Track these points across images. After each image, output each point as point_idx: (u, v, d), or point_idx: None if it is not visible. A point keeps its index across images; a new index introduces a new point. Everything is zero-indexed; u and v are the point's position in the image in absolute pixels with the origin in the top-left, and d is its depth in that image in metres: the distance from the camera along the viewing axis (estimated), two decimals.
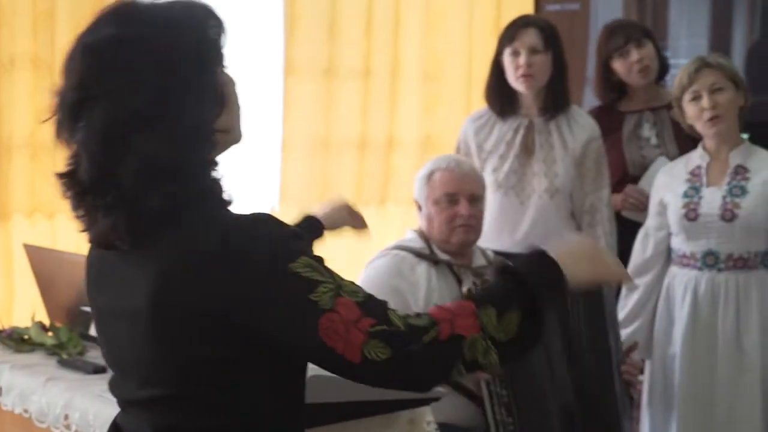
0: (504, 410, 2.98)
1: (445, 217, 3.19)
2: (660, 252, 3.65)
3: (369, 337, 1.63)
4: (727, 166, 3.56)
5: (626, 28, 4.16)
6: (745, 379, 3.50)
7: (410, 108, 4.82)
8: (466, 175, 3.27)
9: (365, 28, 4.63)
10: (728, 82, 3.52)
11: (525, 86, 3.78)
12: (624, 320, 3.66)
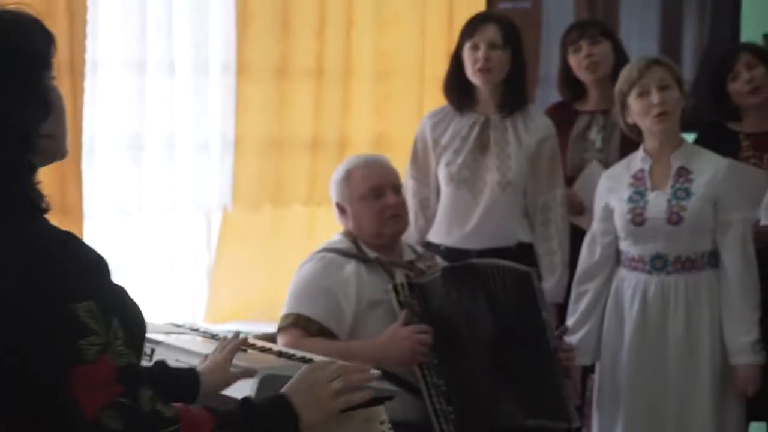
0: (443, 399, 3.00)
1: (375, 210, 3.22)
2: (607, 256, 3.67)
3: (111, 404, 1.64)
4: (669, 168, 3.58)
5: (584, 24, 4.20)
6: (695, 380, 3.52)
7: (363, 107, 4.81)
8: (384, 168, 3.32)
9: (317, 27, 4.61)
10: (674, 82, 3.55)
11: (482, 80, 3.80)
12: (574, 325, 3.68)
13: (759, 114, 3.98)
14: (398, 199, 3.28)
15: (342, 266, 3.17)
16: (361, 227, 3.25)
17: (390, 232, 3.26)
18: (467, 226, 3.83)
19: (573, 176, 4.06)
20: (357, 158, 3.38)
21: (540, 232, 3.89)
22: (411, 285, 3.11)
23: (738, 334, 3.49)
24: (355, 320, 3.13)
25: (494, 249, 3.76)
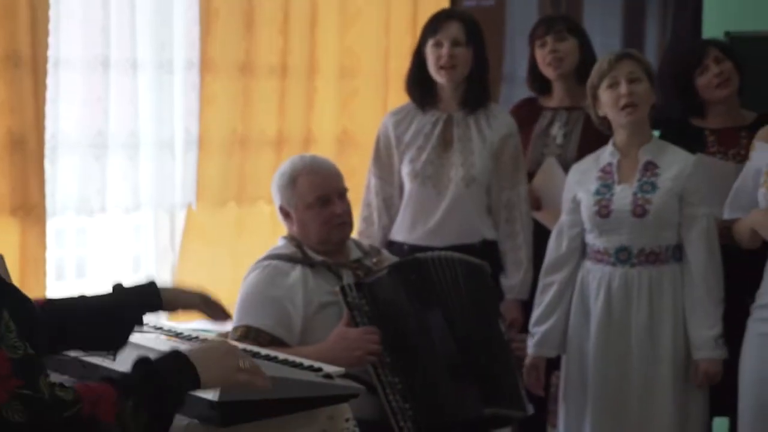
0: (399, 397, 3.00)
1: (322, 219, 3.20)
2: (574, 249, 3.69)
3: (11, 397, 1.65)
4: (637, 162, 3.61)
5: (551, 20, 4.20)
6: (658, 373, 3.55)
7: (327, 104, 4.81)
8: (330, 174, 3.28)
9: (282, 24, 4.60)
10: (645, 75, 3.57)
11: (446, 77, 3.81)
12: (540, 317, 3.70)
13: (724, 109, 4.01)
14: (344, 206, 3.27)
15: (287, 273, 3.15)
16: (307, 234, 3.23)
17: (336, 239, 3.25)
18: (431, 222, 3.84)
19: (533, 172, 4.08)
20: (301, 162, 3.31)
21: (504, 229, 3.90)
22: (359, 285, 3.09)
23: (701, 328, 3.52)
24: (304, 326, 3.11)
25: (458, 246, 3.77)
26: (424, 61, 3.86)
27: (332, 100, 4.83)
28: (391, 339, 3.04)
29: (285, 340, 3.06)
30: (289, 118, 4.65)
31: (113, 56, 4.02)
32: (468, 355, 3.09)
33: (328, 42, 4.79)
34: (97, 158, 3.99)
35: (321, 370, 2.50)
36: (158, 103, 4.22)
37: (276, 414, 2.38)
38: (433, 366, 3.05)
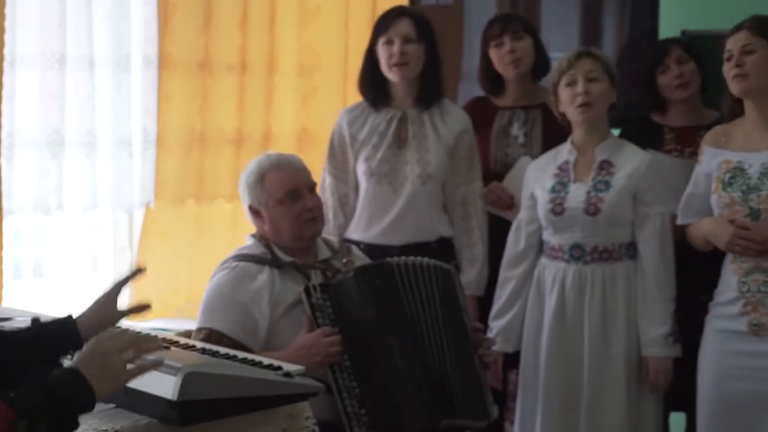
0: (355, 402, 2.98)
1: (294, 214, 3.17)
2: (531, 245, 3.72)
3: None
4: (593, 161, 3.63)
5: (506, 19, 4.20)
6: (610, 370, 3.57)
7: (286, 102, 4.80)
8: (299, 169, 3.27)
9: (240, 21, 4.59)
10: (604, 74, 3.60)
11: (398, 75, 3.81)
12: (498, 312, 3.72)
13: (684, 108, 4.04)
14: (315, 200, 3.25)
15: (254, 276, 3.12)
16: (278, 231, 3.20)
17: (309, 234, 3.22)
18: (387, 220, 3.83)
19: (498, 172, 4.09)
20: (268, 159, 3.28)
21: (460, 226, 3.91)
22: (324, 286, 3.05)
23: (651, 326, 3.55)
24: (269, 330, 3.08)
25: (415, 244, 3.78)
26: (376, 60, 3.86)
27: (291, 98, 4.82)
28: (352, 343, 3.01)
29: (248, 346, 3.02)
30: (249, 115, 4.64)
31: (70, 53, 3.99)
32: (430, 364, 3.07)
33: (287, 39, 4.78)
34: (54, 156, 3.96)
35: (281, 369, 2.50)
36: (116, 101, 4.19)
37: (236, 413, 2.38)
38: (392, 374, 3.02)
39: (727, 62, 3.39)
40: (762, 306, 3.32)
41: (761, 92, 3.38)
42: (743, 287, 3.36)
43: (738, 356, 3.37)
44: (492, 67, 4.16)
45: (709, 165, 3.47)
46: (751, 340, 3.34)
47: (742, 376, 3.36)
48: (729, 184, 3.38)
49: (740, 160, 3.40)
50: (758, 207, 3.32)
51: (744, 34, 3.37)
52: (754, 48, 3.35)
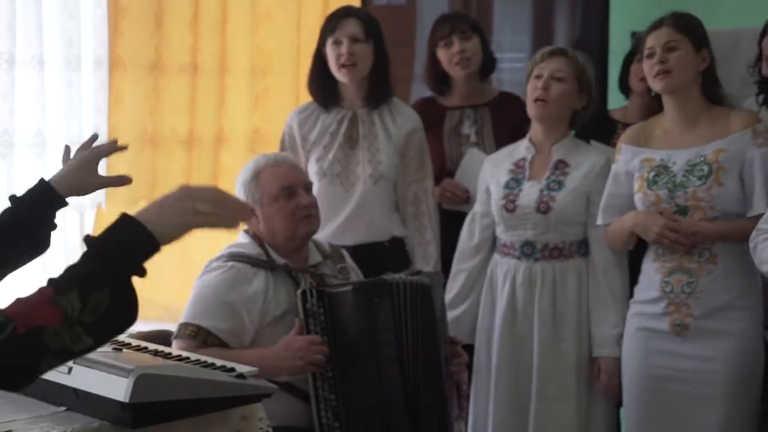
0: (331, 414, 2.97)
1: (288, 211, 3.15)
2: (486, 238, 3.73)
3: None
4: (549, 160, 3.65)
5: (454, 18, 4.21)
6: (560, 365, 3.59)
7: (238, 103, 4.79)
8: (294, 167, 3.27)
9: (192, 22, 4.57)
10: (572, 78, 3.60)
11: (347, 75, 3.82)
12: (450, 303, 3.73)
13: (643, 104, 4.08)
14: (310, 198, 3.23)
15: (250, 280, 3.08)
16: (273, 230, 3.17)
17: (303, 232, 3.19)
18: (340, 220, 3.83)
19: (453, 170, 4.11)
20: (265, 157, 3.27)
21: (412, 224, 3.92)
22: (320, 293, 3.03)
23: (602, 327, 3.56)
24: (255, 337, 3.07)
25: (368, 244, 3.79)
26: (325, 62, 3.86)
27: (244, 99, 4.82)
28: (338, 355, 3.00)
29: (232, 346, 3.01)
30: (200, 116, 4.63)
31: (19, 53, 3.96)
32: (409, 387, 3.05)
33: (238, 40, 4.77)
34: (3, 157, 3.93)
35: (234, 370, 2.49)
36: (66, 102, 4.16)
37: (189, 414, 2.37)
38: (371, 392, 3.01)
39: (648, 59, 3.38)
40: (685, 306, 3.33)
41: (683, 89, 3.38)
42: (666, 287, 3.36)
43: (661, 356, 3.38)
44: (439, 67, 4.17)
45: (629, 164, 3.46)
46: (674, 341, 3.35)
47: (666, 376, 3.37)
48: (654, 182, 3.39)
49: (663, 158, 3.40)
50: (685, 204, 3.33)
51: (666, 31, 3.37)
52: (677, 45, 3.35)
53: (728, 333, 3.31)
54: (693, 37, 3.37)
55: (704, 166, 3.32)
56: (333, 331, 3.01)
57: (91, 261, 1.68)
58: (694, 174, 3.33)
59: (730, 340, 3.31)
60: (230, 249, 3.19)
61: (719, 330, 3.31)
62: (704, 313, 3.31)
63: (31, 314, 1.60)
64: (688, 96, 3.39)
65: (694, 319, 3.32)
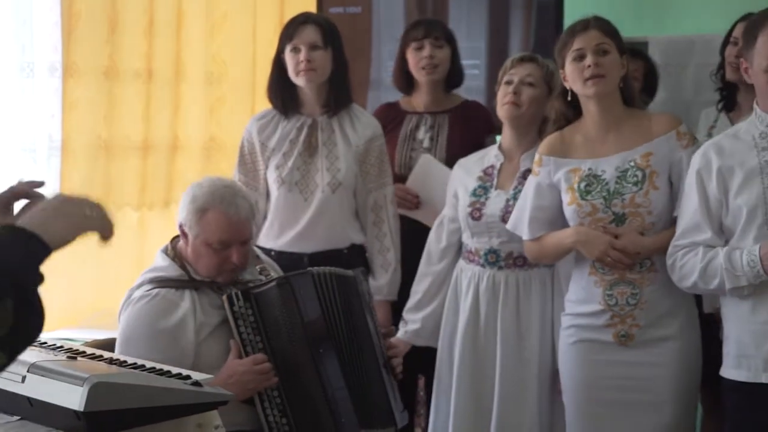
0: (277, 412, 2.97)
1: (216, 261, 3.07)
2: (452, 243, 3.73)
3: None
4: (518, 168, 3.64)
5: (431, 24, 4.21)
6: (522, 374, 3.58)
7: (194, 110, 4.78)
8: (242, 222, 3.11)
9: (146, 28, 4.55)
10: (542, 83, 3.59)
11: (306, 82, 3.81)
12: (415, 305, 3.73)
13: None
14: (243, 254, 3.11)
15: (177, 304, 3.02)
16: (196, 262, 3.10)
17: (223, 280, 3.11)
18: (299, 227, 3.82)
19: (403, 174, 4.11)
20: (219, 195, 3.08)
21: (372, 231, 3.92)
22: (246, 294, 3.00)
23: None
24: (196, 354, 3.03)
25: (327, 251, 3.78)
26: (284, 69, 3.86)
27: (199, 106, 4.80)
28: (273, 352, 2.99)
29: None
30: (155, 123, 4.60)
31: None
32: (348, 375, 3.06)
33: (194, 47, 4.76)
34: None
35: (189, 378, 2.48)
36: (20, 108, 4.13)
37: (144, 422, 2.35)
38: (313, 385, 3.00)
39: (576, 62, 3.29)
40: (630, 318, 3.32)
41: (610, 94, 3.34)
42: (610, 300, 3.33)
43: (605, 366, 3.36)
44: (407, 68, 4.18)
45: (552, 176, 3.40)
46: (618, 350, 3.34)
47: (611, 386, 3.36)
48: (587, 192, 3.34)
49: (590, 166, 3.35)
50: (623, 211, 3.30)
51: (596, 34, 3.30)
52: (608, 48, 3.30)
53: (671, 338, 3.31)
54: (618, 41, 3.33)
55: (638, 172, 3.30)
56: (265, 330, 3.00)
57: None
58: (627, 180, 3.30)
59: (674, 346, 3.31)
60: (150, 274, 3.12)
61: (663, 336, 3.31)
62: (649, 322, 3.31)
63: None
64: (612, 100, 3.34)
65: (639, 329, 3.31)
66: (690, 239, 3.11)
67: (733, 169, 3.03)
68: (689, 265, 3.10)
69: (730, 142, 3.09)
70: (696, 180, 3.09)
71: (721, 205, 3.05)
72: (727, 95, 4.06)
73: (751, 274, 2.96)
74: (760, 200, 2.98)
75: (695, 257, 3.08)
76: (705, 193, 3.07)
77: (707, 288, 3.10)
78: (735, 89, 4.06)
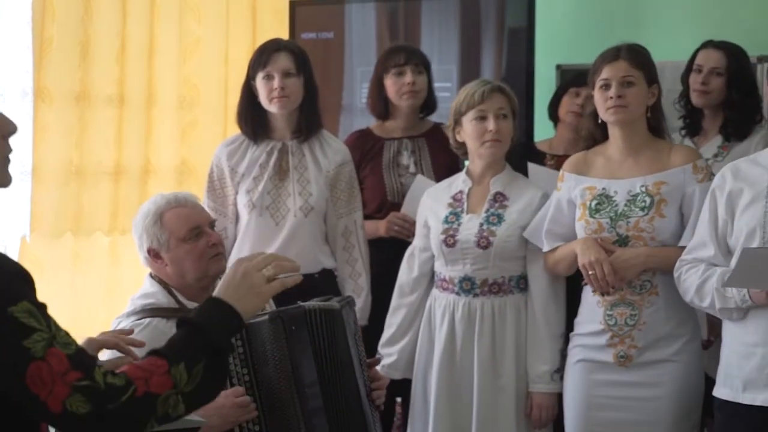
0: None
1: (199, 251, 3.06)
2: (425, 273, 3.72)
3: (72, 390, 1.73)
4: (487, 192, 3.65)
5: (410, 51, 4.23)
6: (499, 401, 3.58)
7: (166, 135, 4.77)
8: (197, 206, 3.17)
9: (118, 53, 4.55)
10: (510, 112, 3.62)
11: (279, 109, 3.81)
12: (390, 338, 3.72)
13: (569, 137, 4.20)
14: (216, 236, 3.15)
15: (167, 335, 2.99)
16: (182, 272, 3.08)
17: (214, 271, 3.11)
18: (270, 251, 3.80)
19: (395, 202, 4.11)
20: (163, 199, 3.15)
21: (342, 256, 3.92)
22: None
23: (538, 362, 3.57)
24: None
25: None
26: (254, 94, 3.86)
27: (171, 131, 4.79)
28: (259, 385, 2.96)
29: None
30: (127, 148, 4.59)
31: None
32: (330, 413, 3.01)
33: (166, 72, 4.75)
34: None
35: None
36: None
37: None
38: (294, 421, 2.97)
39: (603, 90, 3.41)
40: (629, 338, 3.37)
41: (633, 122, 3.43)
42: (610, 320, 3.40)
43: (605, 386, 3.41)
44: (384, 93, 4.18)
45: (571, 192, 3.50)
46: (617, 371, 3.39)
47: (609, 406, 3.40)
48: (596, 211, 3.43)
49: (605, 186, 3.44)
50: (626, 234, 3.37)
51: (623, 65, 3.40)
52: (634, 80, 3.39)
53: (671, 361, 3.36)
54: (646, 72, 3.42)
55: (646, 198, 3.37)
56: (252, 363, 2.96)
57: (193, 337, 1.91)
58: (636, 204, 3.38)
59: (673, 368, 3.36)
60: (141, 300, 3.09)
61: (662, 359, 3.36)
62: (648, 344, 3.36)
63: (150, 380, 1.80)
64: (635, 128, 3.44)
65: (637, 350, 3.37)
66: (695, 255, 3.17)
67: (743, 190, 3.08)
68: (689, 280, 3.15)
69: (747, 165, 3.14)
70: (710, 198, 3.15)
71: (726, 226, 3.10)
72: (691, 122, 4.12)
73: (739, 298, 3.00)
74: (759, 222, 3.02)
75: (696, 273, 3.14)
76: (715, 212, 3.13)
77: (701, 305, 3.15)
78: (700, 115, 4.11)
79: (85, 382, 1.73)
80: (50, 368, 1.72)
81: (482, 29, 4.92)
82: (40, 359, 1.71)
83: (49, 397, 1.71)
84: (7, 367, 1.71)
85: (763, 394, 2.97)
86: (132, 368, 1.82)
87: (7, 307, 1.71)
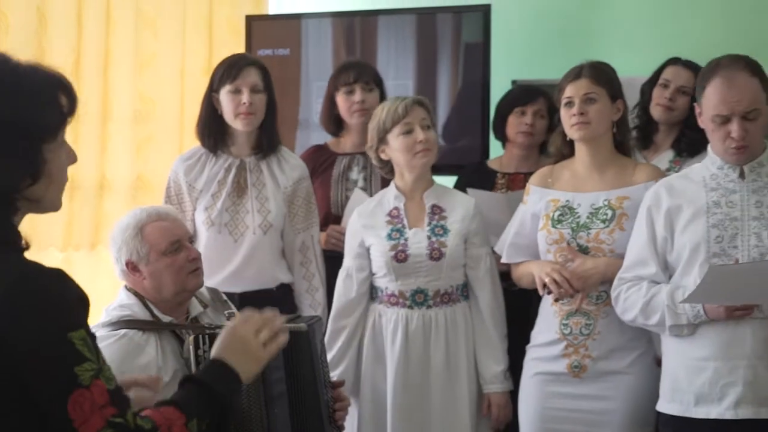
0: None
1: (178, 265, 3.05)
2: (363, 292, 3.72)
3: (107, 425, 1.81)
4: (423, 206, 3.68)
5: (360, 68, 4.24)
6: (457, 409, 3.62)
7: (121, 149, 4.74)
8: (177, 220, 3.18)
9: (73, 66, 4.51)
10: (432, 123, 3.68)
11: (245, 124, 3.80)
12: (331, 362, 3.70)
13: (520, 154, 4.19)
14: (195, 251, 3.14)
15: (143, 348, 2.94)
16: (160, 286, 3.05)
17: (192, 286, 3.08)
18: (228, 269, 3.79)
19: (338, 214, 4.12)
20: (145, 212, 3.13)
21: (299, 271, 3.91)
22: (213, 338, 2.95)
23: (492, 363, 3.62)
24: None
25: (255, 291, 3.76)
26: (215, 107, 3.84)
27: (126, 146, 4.76)
28: None
29: None
30: (82, 163, 4.50)
31: None
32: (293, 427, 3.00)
33: (121, 86, 4.73)
34: None
35: None
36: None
37: None
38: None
39: (567, 107, 3.47)
40: (583, 348, 3.42)
41: (598, 138, 3.49)
42: (565, 329, 3.45)
43: (559, 398, 3.46)
44: (336, 110, 4.20)
45: (536, 205, 3.56)
46: (571, 382, 3.44)
47: (564, 419, 3.44)
48: (558, 221, 3.48)
49: (568, 199, 3.50)
50: (587, 245, 3.43)
51: (585, 83, 3.46)
52: (596, 97, 3.45)
53: (624, 373, 3.40)
54: (609, 88, 3.48)
55: (608, 211, 3.44)
56: None
57: (204, 396, 2.04)
58: (598, 217, 3.44)
59: (626, 380, 3.40)
60: (117, 311, 3.06)
61: (616, 370, 3.40)
62: (602, 354, 3.40)
63: (171, 429, 1.92)
64: (600, 144, 3.50)
65: (592, 361, 3.41)
66: (635, 273, 3.20)
67: (681, 207, 3.13)
68: (632, 299, 3.18)
69: (681, 182, 3.20)
70: (646, 216, 3.19)
71: (666, 243, 3.14)
72: (644, 134, 4.16)
73: (692, 313, 3.04)
74: (703, 238, 3.06)
75: (638, 291, 3.17)
76: (653, 230, 3.17)
77: (647, 323, 3.17)
78: (654, 128, 4.15)
79: (118, 419, 1.82)
80: (92, 398, 1.81)
81: (438, 45, 4.94)
82: (85, 387, 1.80)
83: (83, 425, 1.80)
84: (54, 385, 1.80)
85: (718, 407, 3.00)
86: (156, 414, 1.92)
87: (68, 332, 1.80)
